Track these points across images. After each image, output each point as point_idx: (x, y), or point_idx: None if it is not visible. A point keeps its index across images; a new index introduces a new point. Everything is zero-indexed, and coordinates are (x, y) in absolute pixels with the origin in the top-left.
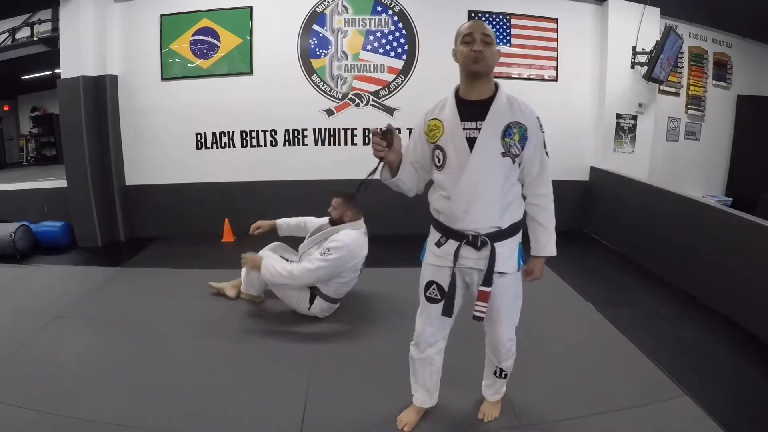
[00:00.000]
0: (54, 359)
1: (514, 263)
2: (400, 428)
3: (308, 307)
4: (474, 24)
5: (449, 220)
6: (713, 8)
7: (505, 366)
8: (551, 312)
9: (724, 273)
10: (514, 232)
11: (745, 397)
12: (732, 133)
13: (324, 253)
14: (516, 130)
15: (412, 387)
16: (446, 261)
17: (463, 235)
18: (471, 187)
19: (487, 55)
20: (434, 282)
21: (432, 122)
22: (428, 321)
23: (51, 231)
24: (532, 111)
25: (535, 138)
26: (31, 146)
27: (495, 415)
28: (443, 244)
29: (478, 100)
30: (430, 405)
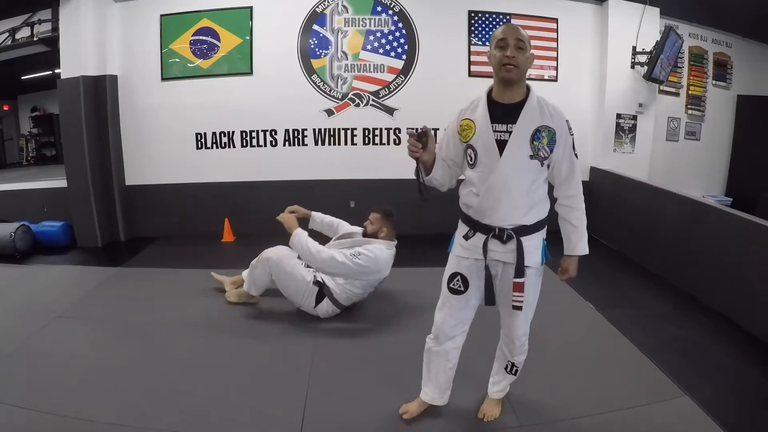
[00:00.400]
0: (54, 359)
1: (538, 258)
2: (401, 413)
3: (314, 305)
4: (508, 28)
5: (478, 215)
6: (713, 8)
7: (516, 361)
8: (551, 312)
9: (724, 273)
10: (538, 228)
11: (745, 397)
12: (732, 133)
13: (354, 255)
14: (545, 134)
15: (423, 380)
16: (472, 253)
17: (490, 229)
18: (500, 186)
19: (520, 61)
20: (458, 273)
21: (464, 122)
22: (450, 313)
23: (51, 231)
24: (561, 115)
25: (564, 141)
26: (31, 146)
27: (495, 415)
28: (471, 237)
29: (510, 104)
30: (440, 403)
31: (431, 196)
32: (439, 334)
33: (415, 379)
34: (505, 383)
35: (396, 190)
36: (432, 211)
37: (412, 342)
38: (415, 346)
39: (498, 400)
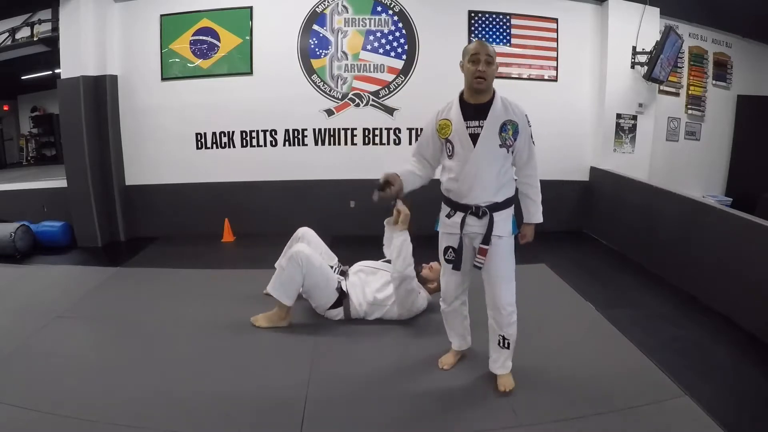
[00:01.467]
0: (54, 359)
1: (509, 228)
2: (441, 367)
3: (330, 306)
4: (480, 45)
5: (457, 197)
6: (713, 8)
7: (506, 334)
8: (551, 312)
9: (724, 273)
10: (507, 204)
11: (745, 397)
12: (732, 133)
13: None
14: (510, 127)
15: (449, 335)
16: (455, 228)
17: (467, 207)
18: (474, 172)
19: (489, 73)
20: (450, 246)
21: (442, 121)
22: (450, 279)
23: (51, 231)
24: (521, 110)
25: (524, 132)
26: (31, 146)
27: (512, 385)
28: (452, 216)
29: (479, 104)
30: (466, 347)
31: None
32: (446, 296)
33: (415, 379)
34: (503, 358)
35: None
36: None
37: (412, 342)
38: (415, 345)
39: (507, 374)
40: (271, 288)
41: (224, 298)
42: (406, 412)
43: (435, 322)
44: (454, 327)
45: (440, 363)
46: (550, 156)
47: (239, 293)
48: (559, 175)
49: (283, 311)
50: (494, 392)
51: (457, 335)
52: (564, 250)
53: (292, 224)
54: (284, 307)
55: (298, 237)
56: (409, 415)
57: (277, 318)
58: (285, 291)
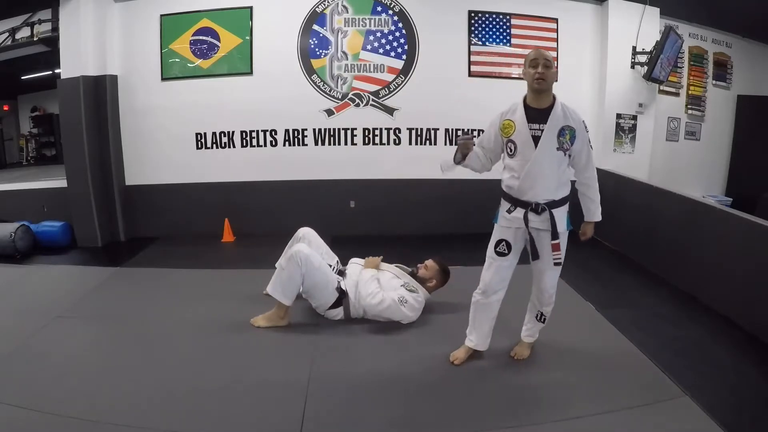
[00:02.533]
0: (54, 359)
1: (564, 224)
2: (452, 361)
3: (330, 306)
4: (538, 52)
5: (518, 194)
6: (713, 8)
7: (545, 311)
8: (551, 312)
9: (724, 273)
10: (564, 202)
11: (745, 397)
12: (732, 133)
13: (402, 300)
14: (567, 132)
15: (468, 330)
16: (514, 223)
17: (528, 204)
18: (536, 171)
19: (548, 75)
20: (504, 240)
21: (506, 122)
22: (496, 272)
23: (51, 231)
24: (579, 117)
25: (581, 136)
26: (31, 146)
27: (525, 355)
28: (512, 211)
29: (541, 108)
30: (482, 349)
31: None
32: (487, 289)
33: (415, 379)
34: (535, 329)
35: (396, 190)
36: (433, 213)
37: (412, 341)
38: (416, 345)
39: (529, 344)
40: (270, 288)
41: (224, 298)
42: (406, 411)
43: (435, 322)
44: (481, 323)
45: (452, 357)
46: None
47: (239, 293)
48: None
49: (282, 311)
50: (494, 392)
51: (479, 332)
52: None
53: (292, 224)
54: (283, 306)
55: (298, 237)
56: (409, 414)
57: (276, 317)
58: (284, 291)
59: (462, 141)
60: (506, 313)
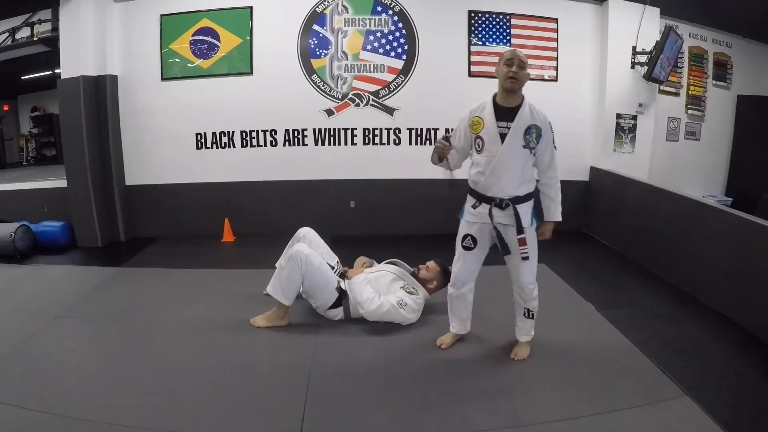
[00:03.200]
0: (54, 359)
1: (529, 220)
2: (438, 345)
3: (330, 306)
4: (513, 51)
5: (483, 189)
6: (713, 8)
7: (530, 306)
8: (551, 312)
9: (724, 273)
10: (528, 198)
11: (745, 397)
12: (732, 133)
13: (401, 304)
14: (534, 131)
15: (450, 319)
16: (479, 218)
17: (492, 199)
18: (501, 167)
19: (520, 76)
20: (469, 234)
21: (475, 119)
22: (463, 265)
23: (51, 231)
24: (545, 117)
25: (547, 136)
26: (31, 146)
27: (525, 355)
28: (477, 207)
29: (510, 107)
30: (464, 332)
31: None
32: (457, 281)
33: (415, 379)
34: (528, 327)
35: (396, 190)
36: (432, 213)
37: (412, 342)
38: (415, 345)
39: (527, 343)
40: (270, 287)
41: (224, 298)
42: (406, 412)
43: (435, 322)
44: (457, 311)
45: (439, 341)
46: None
47: (239, 293)
48: (559, 175)
49: (281, 310)
50: (494, 392)
51: (458, 319)
52: (564, 250)
53: (292, 224)
54: (283, 306)
55: (299, 237)
56: (409, 415)
57: (276, 317)
58: (284, 291)
59: (439, 144)
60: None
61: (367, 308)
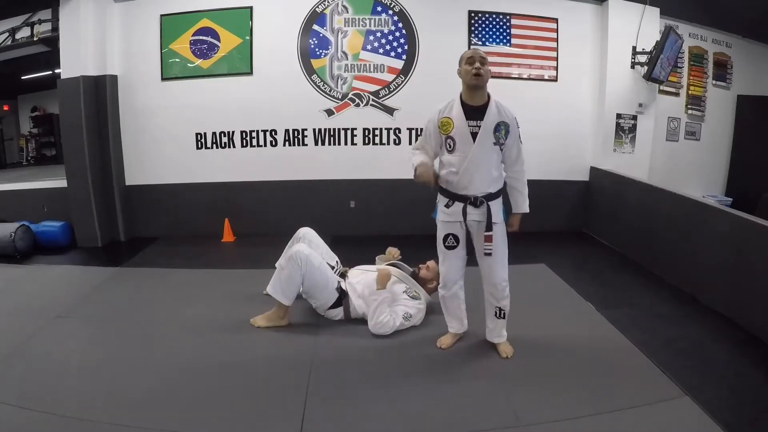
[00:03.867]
0: (54, 359)
1: (500, 215)
2: (439, 346)
3: (330, 306)
4: (474, 50)
5: (456, 189)
6: (713, 8)
7: (502, 305)
8: (551, 312)
9: (724, 273)
10: (498, 195)
11: (745, 397)
12: (732, 133)
13: (406, 317)
14: (503, 127)
15: (447, 320)
16: (455, 217)
17: (466, 198)
18: (474, 166)
19: (484, 71)
20: (450, 233)
21: (444, 119)
22: (450, 264)
23: (51, 231)
24: (511, 113)
25: (513, 132)
26: (31, 146)
27: (512, 351)
28: (451, 206)
29: (477, 106)
30: (462, 330)
31: None
32: (447, 281)
33: (415, 379)
34: (499, 328)
35: (396, 190)
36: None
37: (412, 342)
38: (415, 345)
39: (505, 342)
40: (270, 287)
41: (224, 298)
42: (405, 412)
43: (435, 323)
44: (453, 311)
45: (439, 343)
46: (550, 156)
47: (239, 293)
48: (559, 175)
49: (281, 310)
50: (494, 392)
51: (455, 319)
52: (564, 250)
53: (292, 224)
54: (283, 306)
55: (299, 237)
56: (409, 415)
57: (276, 317)
58: (284, 291)
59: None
60: None
61: (378, 330)
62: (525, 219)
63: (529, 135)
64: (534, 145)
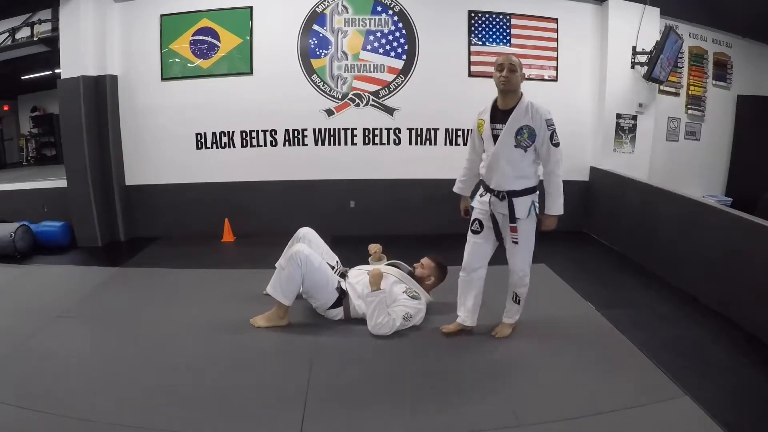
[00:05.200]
0: (54, 359)
1: (525, 212)
2: (441, 330)
3: (330, 306)
4: (506, 57)
5: (486, 181)
6: (713, 8)
7: (519, 292)
8: (551, 312)
9: (724, 273)
10: (526, 193)
11: (745, 397)
12: (732, 133)
13: (406, 318)
14: (525, 131)
15: (458, 307)
16: (485, 206)
17: (493, 191)
18: (495, 164)
19: (511, 78)
20: (477, 219)
21: (479, 121)
22: (473, 249)
23: (51, 231)
24: (542, 115)
25: (543, 134)
26: (31, 146)
27: (505, 334)
28: (483, 196)
29: (506, 109)
30: (470, 324)
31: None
32: (467, 266)
33: (415, 379)
34: (513, 311)
35: (396, 190)
36: (432, 213)
37: (412, 342)
38: (415, 345)
39: (509, 324)
40: (270, 287)
41: (224, 298)
42: (405, 412)
43: (435, 322)
44: (465, 298)
45: (443, 327)
46: None
47: (239, 293)
48: (559, 171)
49: (281, 310)
50: (494, 392)
51: (463, 306)
52: (564, 250)
53: (292, 224)
54: (283, 306)
55: (299, 237)
56: (409, 415)
57: (276, 317)
58: (284, 291)
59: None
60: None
61: (378, 331)
62: None
63: None
64: None
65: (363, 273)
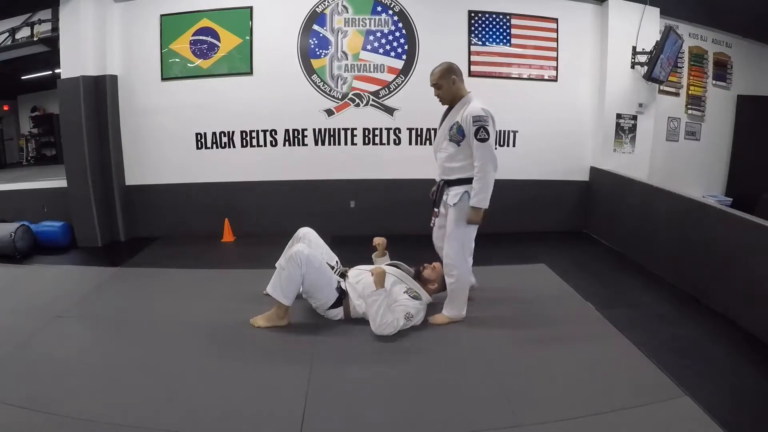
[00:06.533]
0: (54, 359)
1: (454, 200)
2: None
3: (330, 306)
4: (430, 76)
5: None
6: (713, 8)
7: (447, 282)
8: (551, 312)
9: (724, 273)
10: (459, 183)
11: (745, 397)
12: (732, 133)
13: (408, 317)
14: (455, 127)
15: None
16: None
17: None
18: (436, 155)
19: (440, 94)
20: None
21: None
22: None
23: (51, 231)
24: (469, 114)
25: (468, 130)
26: (31, 146)
27: (438, 322)
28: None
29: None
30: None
31: None
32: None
33: (415, 379)
34: (449, 304)
35: (396, 190)
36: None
37: (412, 342)
38: (415, 345)
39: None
40: (270, 288)
41: (224, 298)
42: (405, 411)
43: None
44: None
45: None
46: (550, 156)
47: (239, 293)
48: (559, 175)
49: (281, 311)
50: (494, 392)
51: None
52: (564, 250)
53: (292, 224)
54: (283, 306)
55: (298, 237)
56: (409, 414)
57: (276, 317)
58: (284, 291)
59: None
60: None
61: (382, 331)
62: (525, 218)
63: (528, 135)
64: (534, 145)
65: (363, 273)
